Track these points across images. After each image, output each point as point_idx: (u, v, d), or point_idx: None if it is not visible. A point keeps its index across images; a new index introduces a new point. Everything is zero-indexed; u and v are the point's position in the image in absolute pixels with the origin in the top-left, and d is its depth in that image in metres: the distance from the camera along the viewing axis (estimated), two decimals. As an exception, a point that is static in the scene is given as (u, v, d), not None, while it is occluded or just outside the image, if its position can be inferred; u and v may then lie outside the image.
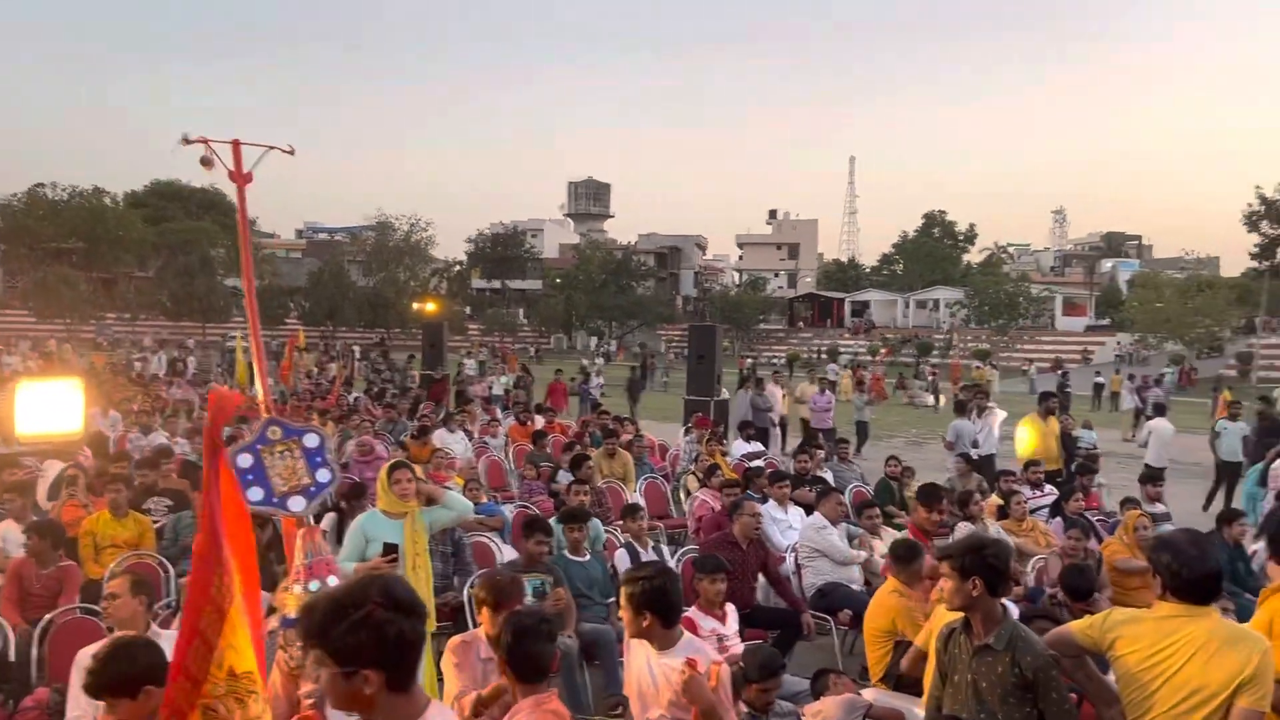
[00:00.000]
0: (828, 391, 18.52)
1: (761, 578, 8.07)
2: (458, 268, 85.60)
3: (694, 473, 11.82)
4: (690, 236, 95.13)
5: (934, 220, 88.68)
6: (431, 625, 5.59)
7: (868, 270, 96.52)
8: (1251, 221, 63.66)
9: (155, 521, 8.23)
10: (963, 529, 8.72)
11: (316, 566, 3.41)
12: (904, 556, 5.94)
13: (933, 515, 7.64)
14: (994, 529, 8.72)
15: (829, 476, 11.86)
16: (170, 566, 7.02)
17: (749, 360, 50.83)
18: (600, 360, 46.01)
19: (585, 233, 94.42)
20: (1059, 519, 9.06)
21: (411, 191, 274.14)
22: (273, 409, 4.01)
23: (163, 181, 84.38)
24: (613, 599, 6.95)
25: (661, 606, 4.18)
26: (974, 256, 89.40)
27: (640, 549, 7.38)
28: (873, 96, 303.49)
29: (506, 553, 8.37)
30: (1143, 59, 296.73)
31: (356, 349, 49.17)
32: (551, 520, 7.46)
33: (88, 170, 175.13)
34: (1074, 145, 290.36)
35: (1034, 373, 48.09)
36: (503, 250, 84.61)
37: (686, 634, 4.11)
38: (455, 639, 4.58)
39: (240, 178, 3.90)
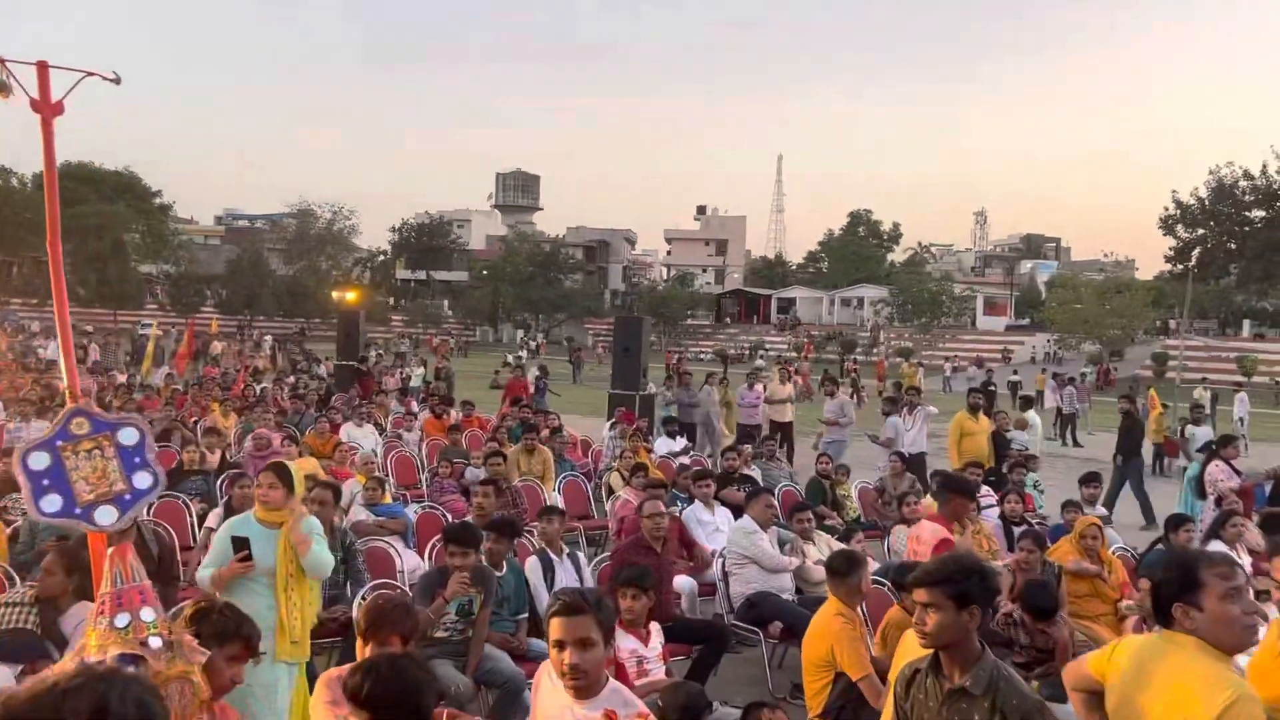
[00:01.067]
0: (756, 386, 18.06)
1: (686, 584, 7.56)
2: (382, 257, 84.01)
3: (618, 470, 11.21)
4: (619, 231, 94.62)
5: (859, 219, 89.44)
6: (304, 653, 4.89)
7: (794, 267, 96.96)
8: (1167, 225, 65.31)
9: (11, 522, 7.37)
10: (900, 532, 8.26)
11: (127, 596, 2.70)
12: (841, 570, 5.41)
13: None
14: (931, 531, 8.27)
15: (757, 475, 11.36)
16: (16, 577, 6.17)
17: (675, 355, 50.49)
18: (524, 354, 45.17)
19: (513, 224, 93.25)
20: (998, 522, 8.65)
21: (336, 179, 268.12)
22: (79, 398, 3.22)
23: (75, 164, 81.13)
24: (524, 615, 6.32)
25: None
26: (898, 256, 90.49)
27: (554, 555, 6.73)
28: (800, 95, 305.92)
29: (408, 559, 7.68)
30: (1063, 63, 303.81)
31: (269, 338, 47.60)
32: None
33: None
34: (995, 147, 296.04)
35: (948, 371, 48.47)
36: (428, 240, 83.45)
37: (611, 681, 3.44)
38: (330, 673, 3.87)
39: (47, 106, 3.12)
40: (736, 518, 8.89)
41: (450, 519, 8.43)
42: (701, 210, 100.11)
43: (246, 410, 14.52)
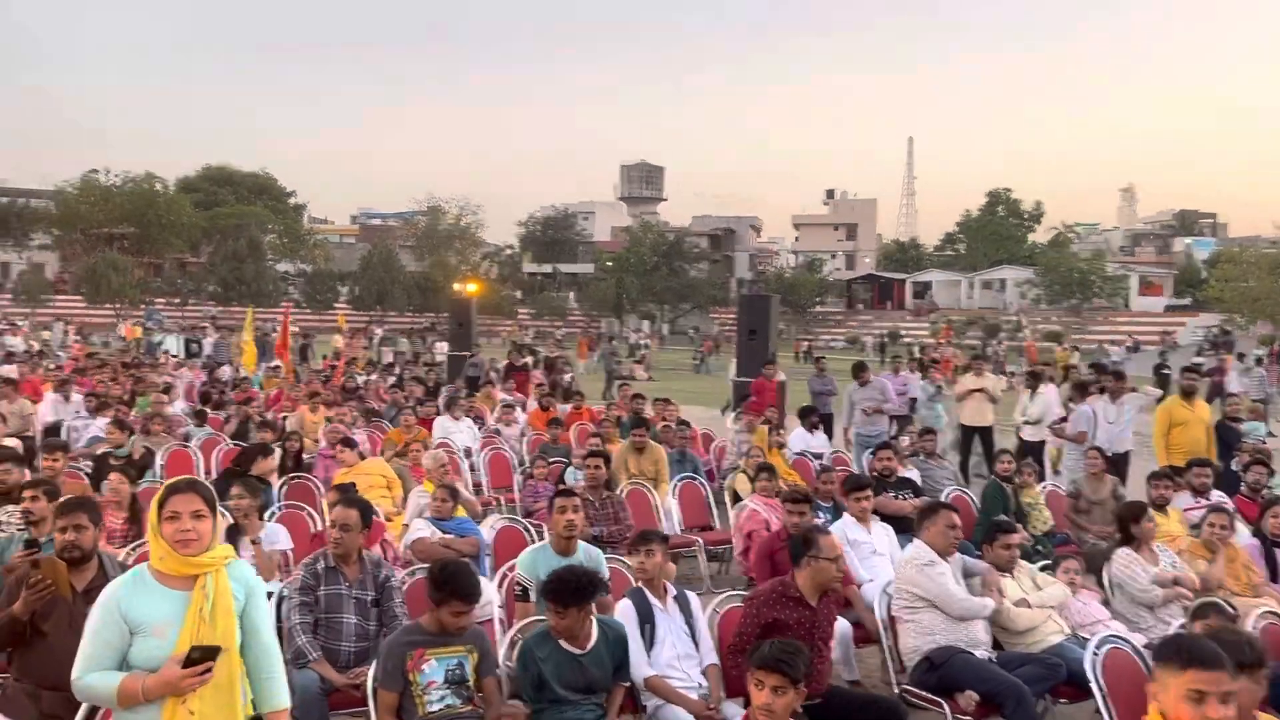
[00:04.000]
0: (902, 373, 15.91)
1: (838, 629, 5.64)
2: (509, 252, 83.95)
3: (743, 470, 9.34)
4: (745, 218, 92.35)
5: (998, 198, 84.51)
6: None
7: (929, 250, 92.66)
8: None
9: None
10: (1123, 557, 6.15)
11: None
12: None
13: None
14: (1169, 558, 6.16)
15: (915, 476, 9.33)
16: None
17: (804, 343, 48.15)
18: (645, 343, 43.52)
19: (638, 215, 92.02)
20: (1253, 541, 6.46)
21: (465, 176, 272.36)
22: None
23: (214, 166, 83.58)
24: (623, 683, 4.60)
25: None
26: (1040, 236, 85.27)
27: (654, 599, 4.93)
28: (930, 74, 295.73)
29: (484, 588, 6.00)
30: (1211, 36, 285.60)
31: (379, 331, 47.38)
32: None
33: (142, 155, 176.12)
34: (1142, 120, 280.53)
35: (1118, 353, 44.37)
36: (554, 234, 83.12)
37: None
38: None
39: None
40: (899, 533, 6.97)
41: (533, 536, 6.76)
42: (830, 194, 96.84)
43: (336, 404, 13.21)
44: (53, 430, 12.37)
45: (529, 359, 22.67)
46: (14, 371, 17.24)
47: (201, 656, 3.07)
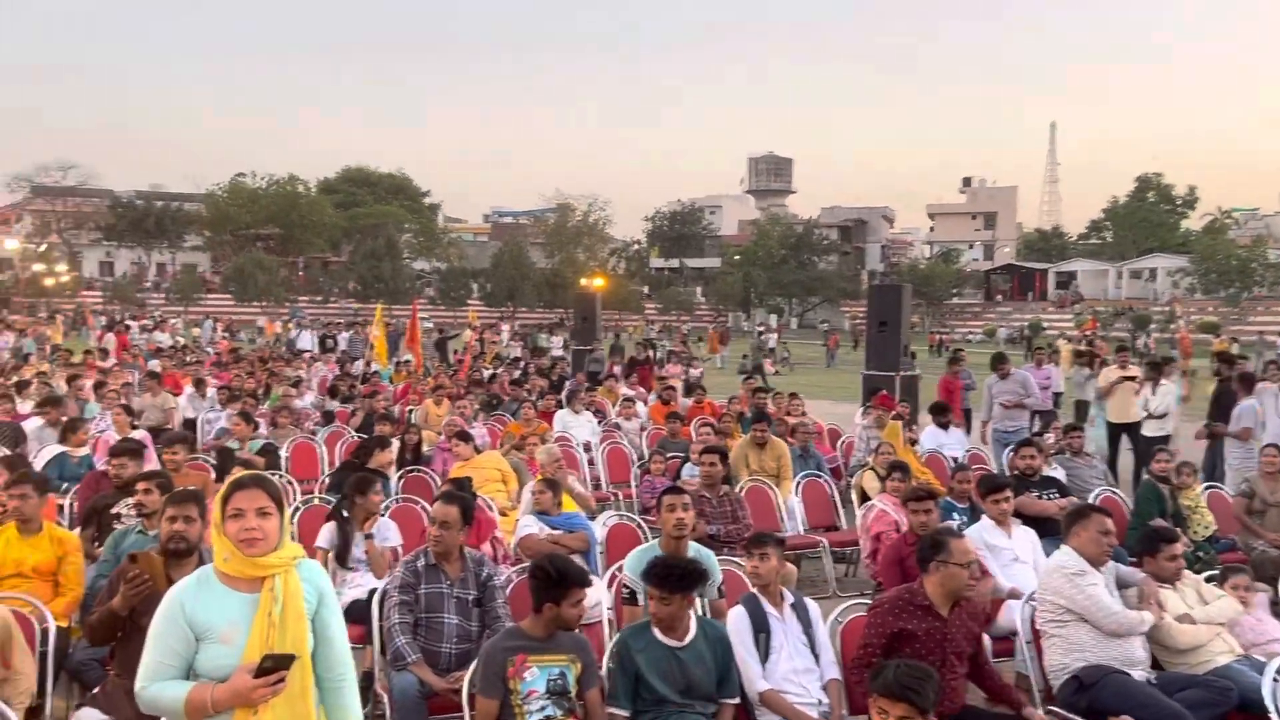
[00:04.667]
0: (1046, 366, 15.01)
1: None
2: (636, 247, 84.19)
3: (872, 468, 8.86)
4: (876, 209, 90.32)
5: (1148, 184, 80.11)
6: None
7: (1073, 239, 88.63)
8: None
9: (120, 521, 6.04)
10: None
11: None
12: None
13: None
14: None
15: (1060, 475, 8.67)
16: (49, 617, 4.68)
17: (939, 336, 46.61)
18: (773, 336, 42.86)
19: (765, 208, 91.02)
20: None
21: (594, 172, 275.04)
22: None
23: (353, 168, 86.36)
24: (732, 699, 4.28)
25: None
26: (1193, 223, 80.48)
27: (770, 607, 4.56)
28: (1073, 59, 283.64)
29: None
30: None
31: (507, 327, 48.02)
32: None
33: (285, 158, 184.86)
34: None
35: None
36: (680, 228, 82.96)
37: None
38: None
39: None
40: (1042, 536, 6.43)
41: (646, 534, 6.47)
42: (967, 182, 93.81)
43: (459, 397, 13.21)
44: (191, 424, 12.75)
45: (650, 352, 22.43)
46: (159, 366, 17.97)
47: (274, 666, 2.86)
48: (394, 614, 4.75)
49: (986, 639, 4.73)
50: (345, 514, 6.06)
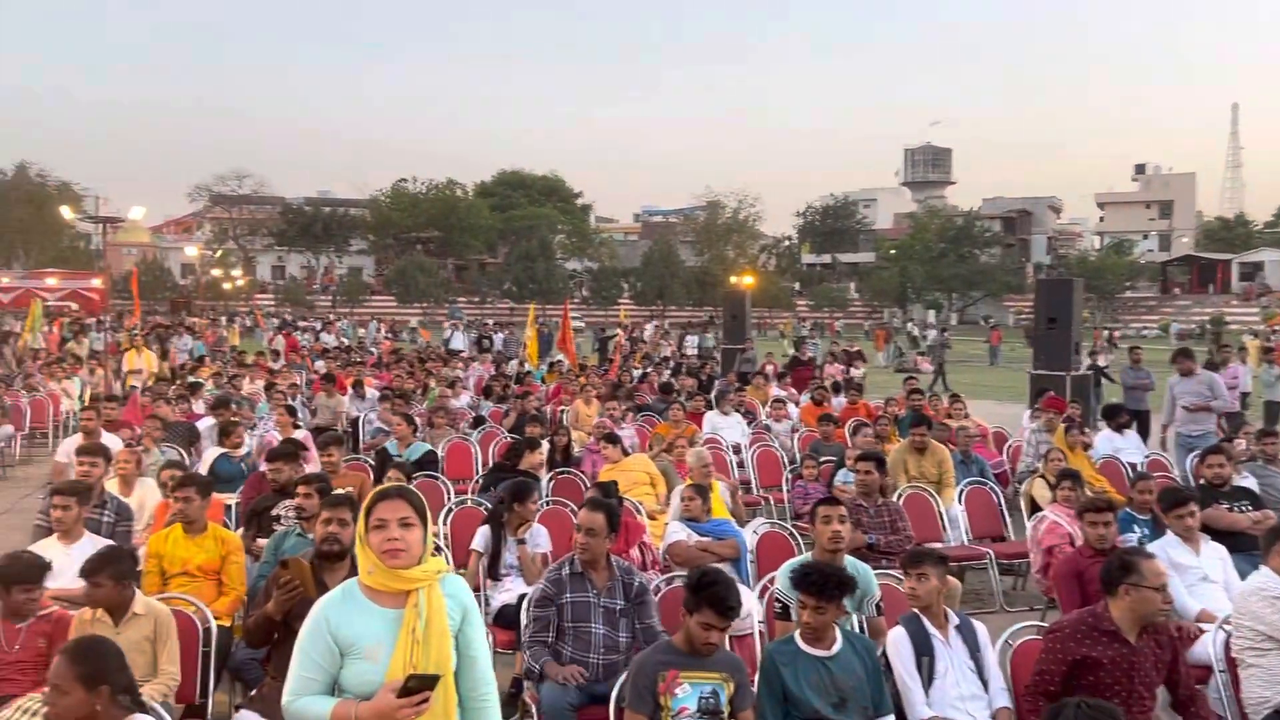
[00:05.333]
0: (1232, 363, 13.96)
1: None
2: (786, 243, 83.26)
3: (1042, 475, 8.35)
4: (1042, 199, 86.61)
5: (1349, 164, 74.11)
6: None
7: (1259, 227, 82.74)
8: None
9: (279, 524, 6.20)
10: None
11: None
12: None
13: None
14: None
15: (1251, 484, 7.95)
16: (210, 617, 4.80)
17: (1104, 332, 44.22)
18: (932, 333, 41.52)
19: (923, 200, 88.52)
20: None
21: (743, 170, 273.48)
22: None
23: (509, 171, 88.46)
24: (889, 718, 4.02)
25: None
26: (1402, 206, 73.93)
27: (933, 629, 4.26)
28: (1255, 37, 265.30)
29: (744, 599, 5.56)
30: None
31: (651, 326, 48.03)
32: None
33: (444, 163, 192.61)
34: None
35: None
36: (833, 222, 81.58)
37: None
38: None
39: None
40: (1233, 552, 5.88)
41: (798, 543, 6.23)
42: (1140, 169, 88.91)
43: (610, 398, 13.20)
44: (355, 423, 13.16)
45: (811, 354, 21.66)
46: (324, 367, 18.72)
47: (419, 685, 2.78)
48: (530, 626, 4.70)
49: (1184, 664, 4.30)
50: (502, 520, 6.04)
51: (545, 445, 8.93)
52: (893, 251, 72.77)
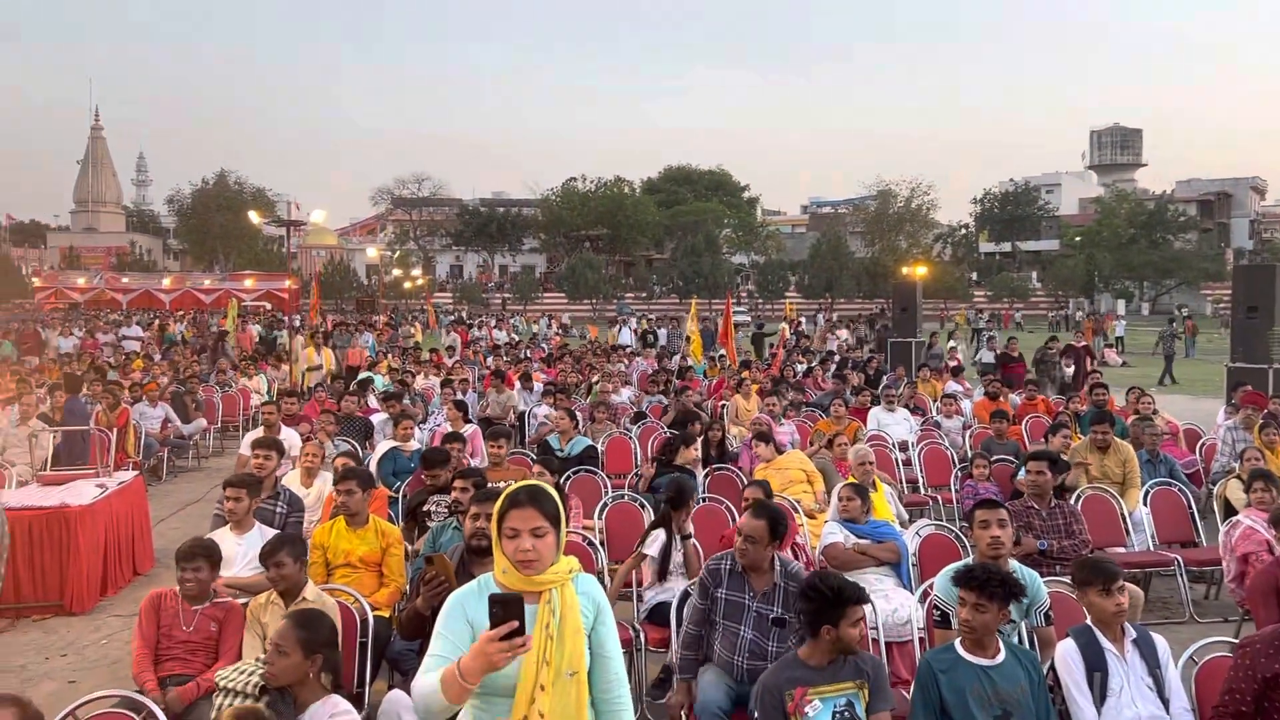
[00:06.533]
0: None
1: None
2: (963, 231, 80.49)
3: (1238, 475, 7.70)
4: (1243, 179, 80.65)
5: None
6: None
7: None
8: None
9: (430, 519, 6.35)
10: None
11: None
12: None
13: None
14: None
15: None
16: (368, 609, 4.93)
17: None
18: (1120, 324, 39.23)
19: (1110, 184, 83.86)
20: None
21: (917, 157, 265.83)
22: None
23: (674, 167, 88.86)
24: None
25: None
26: None
27: (1107, 642, 3.93)
28: None
29: (895, 601, 5.34)
30: None
31: (805, 318, 47.12)
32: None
33: (610, 162, 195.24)
34: None
35: None
36: (1013, 209, 78.35)
37: None
38: None
39: None
40: None
41: (965, 546, 5.93)
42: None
43: (770, 393, 13.02)
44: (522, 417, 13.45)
45: (1018, 351, 19.20)
46: (498, 364, 19.22)
47: (503, 610, 2.61)
48: (688, 622, 4.68)
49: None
50: (670, 520, 5.97)
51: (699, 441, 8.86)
52: (1078, 239, 69.28)
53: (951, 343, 27.92)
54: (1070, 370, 17.41)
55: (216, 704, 3.86)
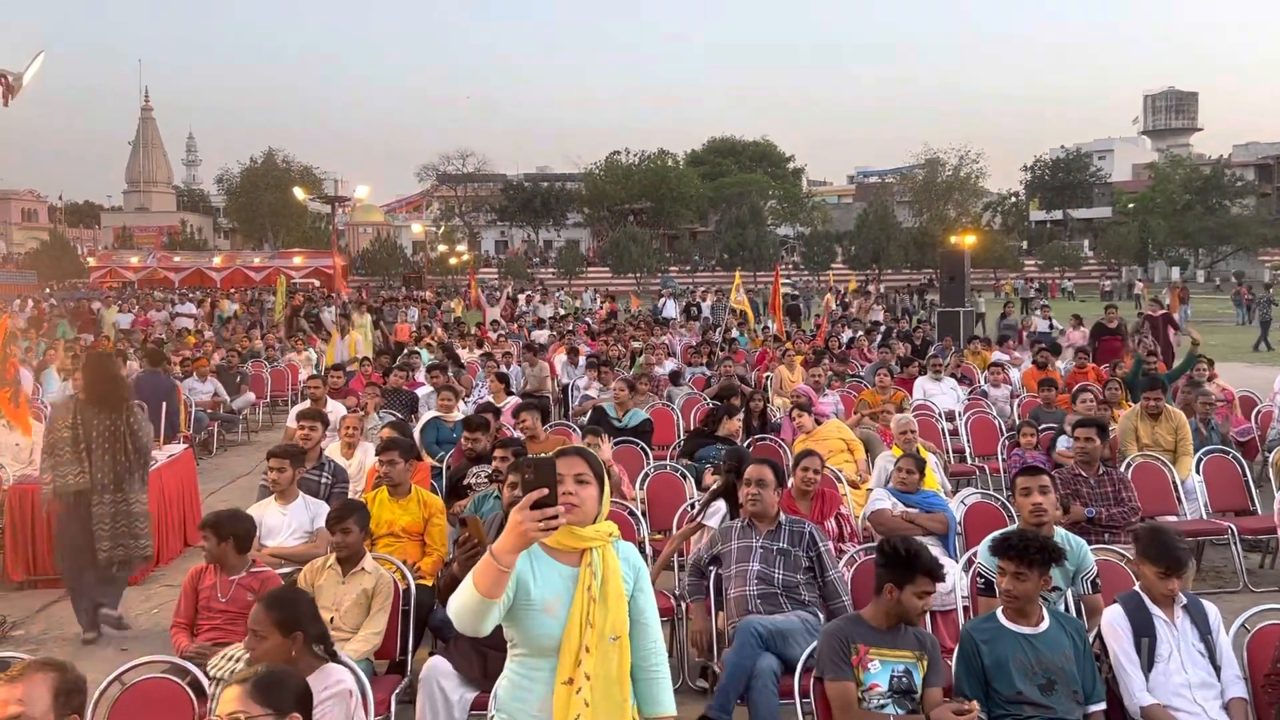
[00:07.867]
0: None
1: None
2: (1013, 199, 79.13)
3: (1295, 449, 7.51)
4: (1305, 142, 78.34)
5: None
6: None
7: None
8: None
9: (472, 490, 6.37)
10: None
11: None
12: None
13: None
14: None
15: None
16: (410, 577, 4.98)
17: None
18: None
19: (1165, 149, 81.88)
20: None
21: (964, 124, 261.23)
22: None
23: (719, 138, 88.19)
24: (1098, 706, 3.68)
25: None
26: None
27: (1158, 609, 3.84)
28: None
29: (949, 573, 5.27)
30: None
31: (854, 288, 46.50)
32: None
33: (655, 135, 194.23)
34: None
35: None
36: (1064, 177, 76.79)
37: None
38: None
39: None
40: None
41: (1013, 515, 5.84)
42: None
43: (814, 364, 12.91)
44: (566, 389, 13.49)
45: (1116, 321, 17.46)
46: (544, 337, 19.28)
47: (536, 477, 2.56)
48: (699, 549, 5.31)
49: None
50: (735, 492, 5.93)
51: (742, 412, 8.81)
52: (1131, 205, 67.81)
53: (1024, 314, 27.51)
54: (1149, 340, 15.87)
55: (211, 694, 3.88)
